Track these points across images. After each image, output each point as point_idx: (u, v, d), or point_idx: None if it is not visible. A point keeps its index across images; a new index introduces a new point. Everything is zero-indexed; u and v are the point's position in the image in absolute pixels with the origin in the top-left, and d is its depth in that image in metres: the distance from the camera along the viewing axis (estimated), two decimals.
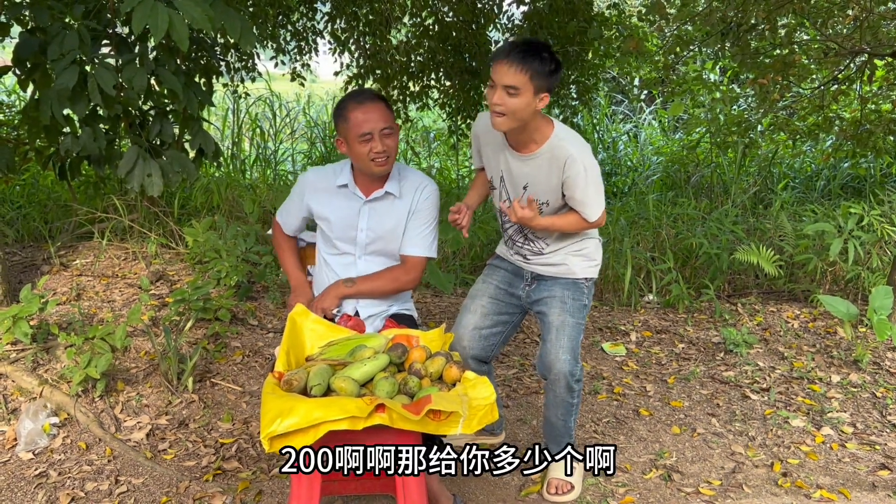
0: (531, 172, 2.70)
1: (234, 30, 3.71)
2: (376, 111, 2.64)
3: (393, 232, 2.81)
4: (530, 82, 2.47)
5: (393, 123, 2.69)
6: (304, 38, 8.15)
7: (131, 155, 4.33)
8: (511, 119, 2.55)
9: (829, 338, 4.62)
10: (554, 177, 2.65)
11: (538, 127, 2.63)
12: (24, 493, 2.87)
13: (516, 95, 2.49)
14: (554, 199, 2.72)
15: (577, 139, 2.68)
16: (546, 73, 2.48)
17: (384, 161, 2.69)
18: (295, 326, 2.51)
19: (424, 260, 2.86)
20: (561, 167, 2.62)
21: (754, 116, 7.69)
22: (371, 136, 2.63)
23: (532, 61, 2.46)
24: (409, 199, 2.82)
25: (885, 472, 3.20)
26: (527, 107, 2.51)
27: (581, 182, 2.61)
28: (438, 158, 9.74)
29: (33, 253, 5.15)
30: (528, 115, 2.54)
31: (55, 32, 3.87)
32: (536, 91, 2.49)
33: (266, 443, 1.97)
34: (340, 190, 2.82)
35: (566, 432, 2.96)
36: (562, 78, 7.50)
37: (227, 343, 4.06)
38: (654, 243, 5.65)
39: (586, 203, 2.67)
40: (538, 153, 2.65)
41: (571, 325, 2.79)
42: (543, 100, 2.53)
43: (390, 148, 2.68)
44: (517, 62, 2.46)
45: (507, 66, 2.47)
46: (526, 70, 2.46)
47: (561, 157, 2.61)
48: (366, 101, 2.66)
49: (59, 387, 3.46)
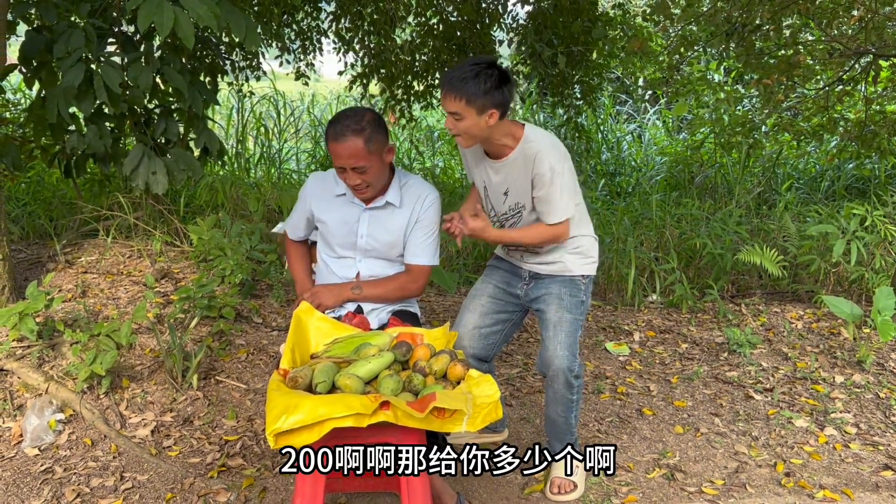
0: (508, 178, 2.74)
1: (238, 29, 3.73)
2: (349, 149, 2.57)
3: (393, 239, 2.82)
4: (468, 106, 2.52)
5: (368, 160, 2.61)
6: (308, 37, 8.17)
7: (136, 153, 4.35)
8: (468, 138, 2.63)
9: (833, 338, 4.62)
10: (525, 177, 2.69)
11: (507, 133, 2.67)
12: (30, 489, 2.89)
13: (461, 119, 2.56)
14: (530, 202, 2.75)
15: (547, 139, 2.70)
16: (482, 92, 2.50)
17: (363, 191, 2.70)
18: (300, 324, 2.52)
19: (429, 268, 2.88)
20: (530, 166, 2.65)
21: (759, 117, 7.70)
22: (344, 170, 2.64)
23: (464, 86, 2.50)
24: (409, 207, 2.82)
25: (888, 473, 3.20)
26: (475, 126, 2.57)
27: (546, 180, 2.63)
28: (442, 158, 9.74)
29: (39, 250, 5.17)
30: (482, 132, 2.60)
31: (61, 31, 3.89)
32: (479, 111, 2.53)
33: (271, 439, 1.98)
34: (340, 197, 2.83)
35: (567, 429, 2.96)
36: (566, 77, 7.52)
37: (231, 341, 4.07)
38: (657, 243, 5.65)
39: (549, 202, 2.68)
40: (511, 157, 2.69)
41: (569, 322, 2.80)
42: (493, 116, 2.55)
43: (367, 180, 2.66)
44: (450, 90, 2.53)
45: (445, 94, 2.55)
46: (460, 96, 2.51)
47: (529, 155, 2.65)
48: (339, 137, 2.58)
49: (64, 383, 3.48)
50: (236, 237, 4.63)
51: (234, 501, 2.86)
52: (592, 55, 7.73)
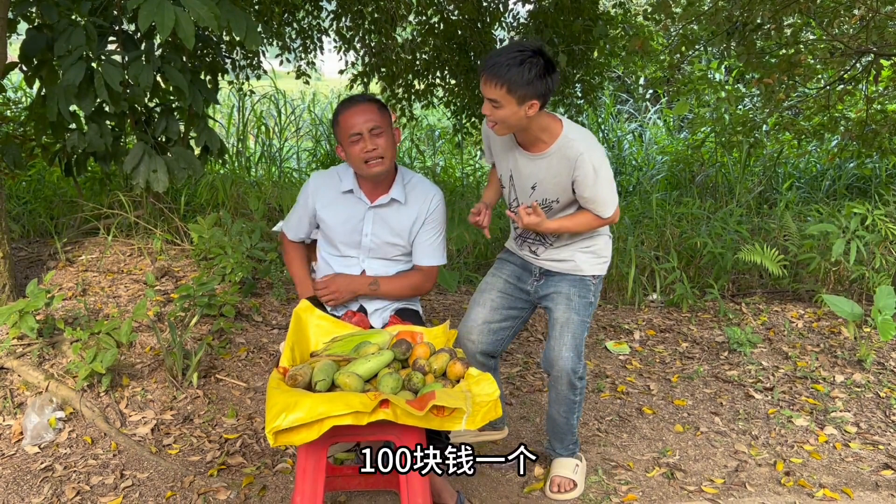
0: (540, 172, 2.68)
1: (239, 28, 3.73)
2: (365, 112, 2.64)
3: (397, 238, 2.82)
4: (508, 95, 2.42)
5: (383, 123, 2.65)
6: (309, 36, 8.15)
7: (137, 151, 4.35)
8: (504, 127, 2.55)
9: (833, 337, 4.62)
10: (564, 176, 2.63)
11: (545, 127, 2.60)
12: (30, 487, 2.89)
13: (500, 108, 2.47)
14: (564, 197, 2.71)
15: (587, 137, 2.65)
16: (525, 82, 2.40)
17: (378, 162, 2.66)
18: (300, 322, 2.52)
19: (438, 267, 2.90)
20: (571, 167, 2.60)
21: (759, 116, 7.69)
22: (360, 135, 2.63)
23: (507, 73, 2.39)
24: (416, 207, 2.81)
25: (888, 472, 3.20)
26: (513, 116, 2.48)
27: (591, 181, 2.60)
28: (443, 157, 9.75)
29: (39, 248, 5.17)
30: (520, 123, 2.52)
31: (62, 29, 3.89)
32: (520, 101, 2.44)
33: (271, 437, 1.99)
34: (345, 195, 2.82)
35: (569, 430, 2.96)
36: (567, 76, 7.50)
37: (231, 339, 4.07)
38: (658, 242, 5.65)
39: (598, 201, 2.66)
40: (548, 152, 2.63)
41: (576, 323, 2.79)
42: (532, 107, 2.47)
43: (382, 147, 2.65)
44: (492, 76, 2.42)
45: (486, 79, 2.45)
46: (501, 84, 2.41)
47: (571, 156, 2.59)
48: (355, 103, 2.67)
49: (64, 381, 3.48)
50: (237, 236, 4.63)
51: (234, 500, 2.86)
52: (593, 54, 7.71)
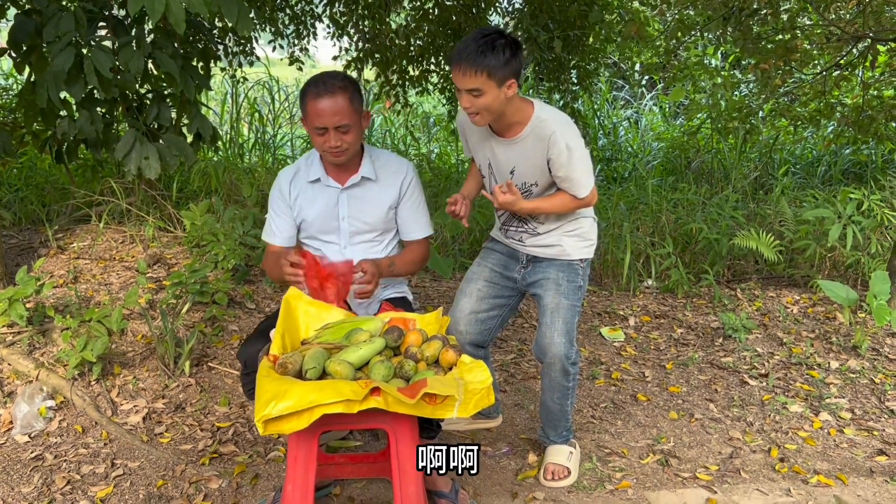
0: (516, 156, 2.69)
1: (231, 13, 3.68)
2: (334, 105, 2.51)
3: (375, 216, 2.77)
4: (489, 80, 2.44)
5: (352, 118, 2.56)
6: (302, 21, 8.10)
7: (129, 138, 4.30)
8: (486, 115, 2.55)
9: (829, 323, 4.61)
10: (539, 157, 2.64)
11: (517, 109, 2.61)
12: (20, 476, 2.87)
13: (481, 95, 2.47)
14: (542, 179, 2.70)
15: (559, 117, 2.66)
16: (502, 63, 2.43)
17: (339, 154, 2.61)
18: (290, 309, 2.49)
19: (429, 237, 2.89)
20: (545, 147, 2.60)
21: (755, 102, 7.65)
22: (326, 130, 2.55)
23: (483, 59, 2.41)
24: (391, 184, 2.77)
25: (882, 458, 3.19)
26: (495, 100, 2.50)
27: (565, 160, 2.60)
28: (438, 144, 9.70)
29: (30, 236, 5.14)
30: (501, 107, 2.54)
31: (51, 14, 3.84)
32: (500, 83, 2.46)
33: (260, 426, 1.96)
34: (313, 184, 2.76)
35: (563, 416, 2.95)
36: (562, 62, 7.47)
37: (224, 326, 4.05)
38: (653, 228, 5.63)
39: (573, 180, 2.65)
40: (522, 135, 2.64)
41: (566, 308, 2.77)
42: (511, 87, 2.49)
43: (346, 142, 2.59)
44: (469, 65, 2.43)
45: (462, 71, 2.45)
46: (480, 70, 2.42)
47: (543, 136, 2.60)
48: (325, 92, 2.51)
49: (55, 370, 3.45)
50: (229, 222, 4.61)
51: (226, 488, 2.84)
52: (589, 40, 7.67)
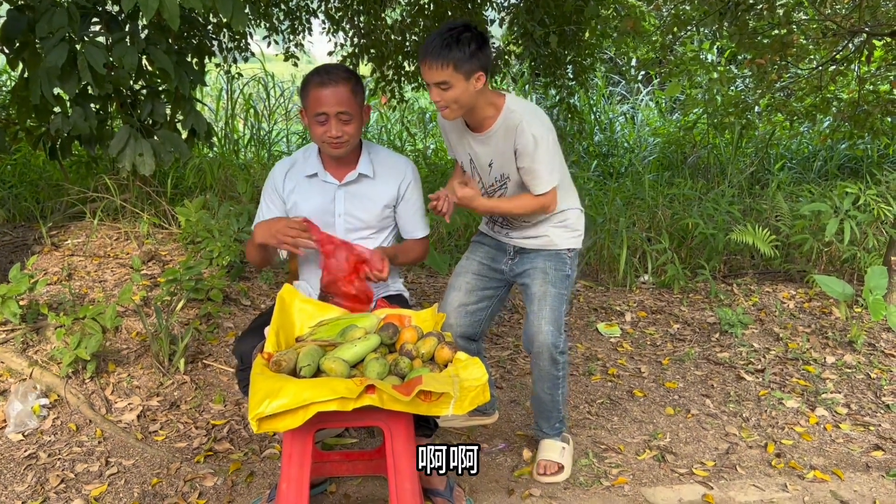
0: (491, 150, 2.69)
1: (225, 8, 3.66)
2: (337, 93, 2.50)
3: (371, 213, 2.73)
4: (456, 72, 2.46)
5: (354, 108, 2.54)
6: (297, 17, 8.06)
7: (123, 134, 4.29)
8: (456, 108, 2.56)
9: (825, 318, 4.61)
10: (509, 148, 2.64)
11: (489, 103, 2.62)
12: (14, 475, 2.86)
13: (450, 88, 2.49)
14: (515, 172, 2.71)
15: (529, 108, 2.66)
16: (468, 56, 2.45)
17: (338, 145, 2.59)
18: (284, 306, 2.48)
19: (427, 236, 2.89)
20: (513, 137, 2.61)
21: (752, 97, 7.65)
22: (326, 117, 2.53)
23: (449, 52, 2.43)
24: (390, 182, 2.74)
25: (878, 453, 3.19)
26: (464, 93, 2.51)
27: (530, 150, 2.59)
28: (434, 140, 9.68)
29: (24, 233, 5.12)
30: (471, 99, 2.55)
31: (44, 10, 3.82)
32: (467, 76, 2.48)
33: (254, 424, 1.95)
34: (310, 179, 2.72)
35: (554, 407, 2.94)
36: (558, 57, 7.46)
37: (219, 323, 4.03)
38: (650, 224, 5.62)
39: (534, 172, 2.65)
40: (493, 129, 2.65)
41: (553, 296, 2.77)
42: (480, 79, 2.51)
43: (347, 133, 2.56)
44: (435, 58, 2.45)
45: (429, 65, 2.47)
46: (446, 63, 2.44)
47: (512, 126, 2.60)
48: (328, 80, 2.50)
49: (48, 368, 3.44)
50: (224, 219, 4.59)
51: (222, 486, 2.83)
52: (585, 35, 7.66)
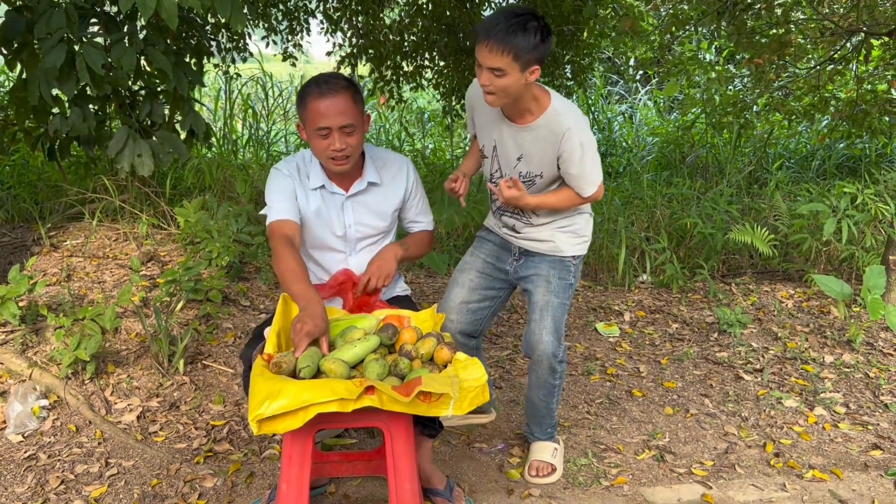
0: (526, 144, 2.63)
1: (224, 8, 3.65)
2: (338, 105, 2.40)
3: (381, 220, 2.70)
4: (514, 62, 2.35)
5: (356, 118, 2.45)
6: (295, 17, 8.06)
7: (121, 135, 4.29)
8: (502, 96, 2.47)
9: (823, 317, 4.61)
10: (549, 150, 2.59)
11: (534, 97, 2.55)
12: (14, 476, 2.86)
13: (503, 76, 2.39)
14: (549, 171, 2.66)
15: (575, 112, 2.59)
16: (531, 47, 2.35)
17: (343, 161, 2.50)
18: (287, 308, 2.48)
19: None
20: (557, 141, 2.55)
21: (750, 97, 7.66)
22: (329, 131, 2.43)
23: (513, 39, 2.32)
24: (397, 185, 2.71)
25: (877, 452, 3.20)
26: (516, 83, 2.41)
27: (577, 157, 2.55)
28: (433, 140, 9.69)
29: (23, 234, 5.12)
30: (519, 91, 2.46)
31: (42, 11, 3.82)
32: (524, 67, 2.38)
33: (254, 425, 1.95)
34: (315, 191, 2.64)
35: (547, 413, 2.94)
36: (556, 57, 7.45)
37: (218, 324, 4.03)
38: (648, 223, 5.63)
39: (582, 178, 2.61)
40: (535, 125, 2.58)
41: (555, 306, 2.76)
42: (534, 73, 2.42)
43: (350, 146, 2.47)
44: (498, 43, 2.33)
45: (489, 48, 2.35)
46: (508, 50, 2.33)
47: (558, 131, 2.54)
48: (328, 91, 2.40)
49: (48, 369, 3.44)
50: (223, 219, 4.59)
51: (221, 487, 2.83)
52: (583, 35, 7.65)
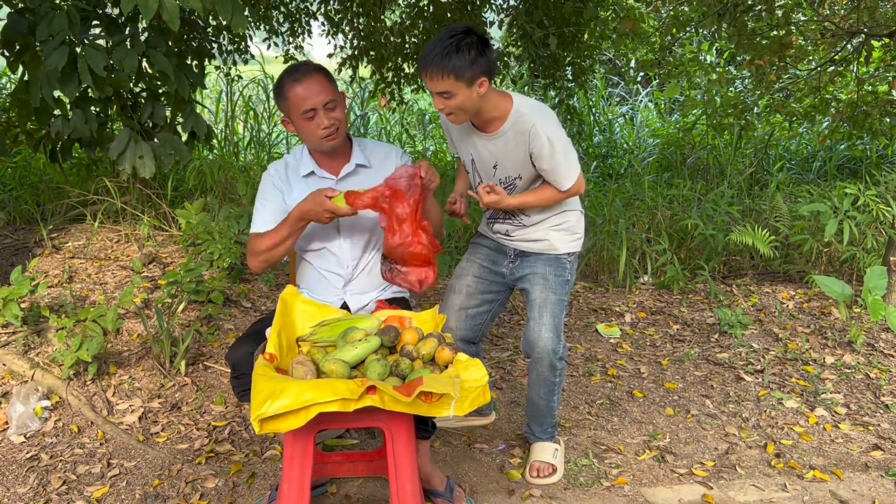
0: (498, 150, 2.68)
1: (225, 11, 3.67)
2: (316, 85, 2.50)
3: None
4: (458, 81, 2.42)
5: (335, 94, 2.55)
6: (297, 19, 8.08)
7: (123, 137, 4.30)
8: (461, 114, 2.55)
9: (824, 318, 4.62)
10: (520, 151, 2.63)
11: (496, 105, 2.59)
12: (16, 477, 2.86)
13: (452, 97, 2.46)
14: (526, 172, 2.70)
15: (539, 109, 2.64)
16: (468, 63, 2.41)
17: (334, 135, 2.57)
18: (286, 307, 2.49)
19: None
20: (526, 141, 2.59)
21: (751, 98, 7.67)
22: (314, 111, 2.51)
23: (449, 62, 2.40)
24: (385, 167, 2.70)
25: (877, 453, 3.20)
26: (467, 99, 2.48)
27: (547, 153, 2.59)
28: (434, 141, 9.69)
29: (25, 235, 5.13)
30: (475, 104, 2.52)
31: (44, 13, 3.83)
32: (469, 83, 2.44)
33: (256, 425, 1.96)
34: (307, 179, 2.68)
35: (548, 412, 2.95)
36: (557, 59, 7.46)
37: (219, 325, 4.04)
38: (649, 225, 5.63)
39: (556, 172, 2.64)
40: (502, 130, 2.63)
41: (554, 303, 2.78)
42: (483, 84, 2.47)
43: (337, 120, 2.56)
44: (436, 69, 2.42)
45: (429, 75, 2.44)
46: (447, 73, 2.41)
47: (524, 130, 2.58)
48: (303, 76, 2.51)
49: (50, 370, 3.45)
50: (224, 221, 4.60)
51: (223, 487, 2.84)
52: (584, 36, 7.67)
